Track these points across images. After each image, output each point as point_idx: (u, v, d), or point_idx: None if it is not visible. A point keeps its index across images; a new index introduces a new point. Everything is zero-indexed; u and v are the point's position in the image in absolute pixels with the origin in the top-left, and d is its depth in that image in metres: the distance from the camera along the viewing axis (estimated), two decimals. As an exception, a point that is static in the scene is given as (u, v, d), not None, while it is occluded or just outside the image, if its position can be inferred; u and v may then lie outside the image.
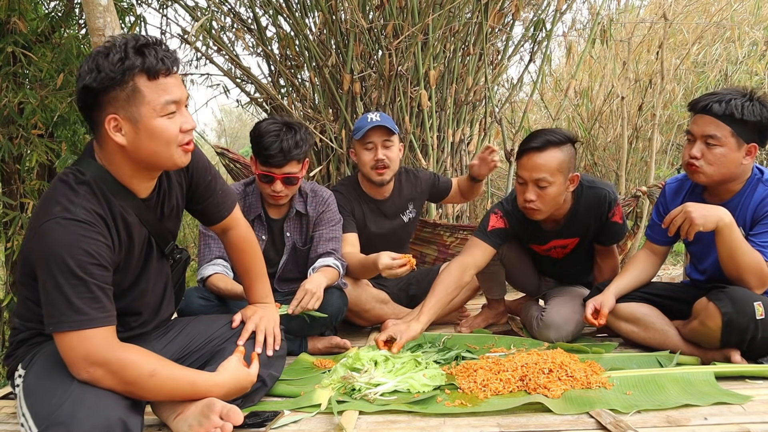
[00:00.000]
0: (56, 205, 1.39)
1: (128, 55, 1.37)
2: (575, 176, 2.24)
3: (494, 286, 2.67)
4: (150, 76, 1.39)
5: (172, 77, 1.43)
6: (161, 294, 1.72)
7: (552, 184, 2.17)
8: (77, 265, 1.34)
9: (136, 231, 1.54)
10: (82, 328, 1.34)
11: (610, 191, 2.36)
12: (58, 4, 3.95)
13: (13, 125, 3.43)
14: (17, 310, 1.59)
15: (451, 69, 3.84)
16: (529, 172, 2.18)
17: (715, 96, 2.00)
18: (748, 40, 5.30)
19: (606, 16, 4.01)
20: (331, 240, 2.43)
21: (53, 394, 1.34)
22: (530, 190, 2.19)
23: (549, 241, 2.45)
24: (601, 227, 2.39)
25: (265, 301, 1.92)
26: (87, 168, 1.47)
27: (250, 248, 1.88)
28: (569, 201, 2.33)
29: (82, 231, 1.37)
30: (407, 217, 2.85)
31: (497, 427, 1.55)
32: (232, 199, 1.83)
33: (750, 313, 1.87)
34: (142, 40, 1.40)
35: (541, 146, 2.17)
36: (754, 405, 1.64)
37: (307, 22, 3.87)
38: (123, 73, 1.36)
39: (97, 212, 1.42)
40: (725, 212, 1.93)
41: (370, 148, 2.62)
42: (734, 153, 1.98)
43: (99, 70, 1.36)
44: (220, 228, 1.84)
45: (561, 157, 2.17)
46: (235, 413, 1.45)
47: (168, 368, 1.45)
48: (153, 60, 1.39)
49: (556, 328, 2.33)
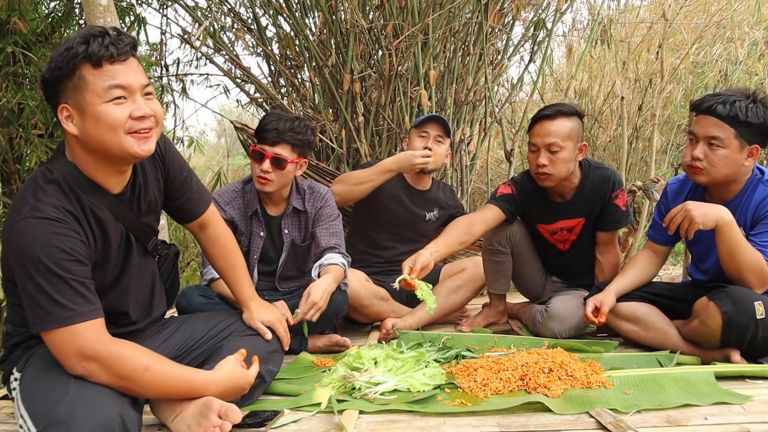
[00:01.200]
0: (26, 205, 1.38)
1: (73, 45, 1.38)
2: (583, 146, 2.41)
3: (499, 279, 2.67)
4: (94, 64, 1.38)
5: (123, 64, 1.40)
6: (149, 291, 1.70)
7: (563, 149, 2.33)
8: (53, 263, 1.33)
9: (111, 227, 1.52)
10: (69, 323, 1.33)
11: (615, 173, 2.50)
12: (58, 4, 3.95)
13: (12, 125, 3.43)
14: (8, 316, 1.58)
15: (451, 69, 3.83)
16: (542, 138, 2.35)
17: (719, 97, 2.00)
18: (748, 40, 5.30)
19: (606, 17, 4.01)
20: (333, 235, 2.43)
21: (50, 393, 1.34)
22: (542, 156, 2.35)
23: (556, 220, 2.52)
24: (603, 208, 2.46)
25: (255, 297, 1.89)
26: (57, 165, 1.46)
27: (231, 243, 1.87)
28: (578, 176, 2.47)
29: (54, 228, 1.36)
30: (429, 216, 2.92)
31: (497, 426, 1.55)
32: (207, 197, 1.82)
33: (750, 312, 1.87)
34: (93, 31, 1.40)
35: (553, 114, 2.36)
36: (754, 405, 1.64)
37: (307, 22, 3.87)
38: (68, 62, 1.37)
39: (66, 209, 1.41)
40: (725, 211, 1.93)
41: (424, 137, 2.75)
42: (737, 154, 1.98)
43: (52, 61, 1.39)
44: (197, 224, 1.81)
45: (571, 125, 2.36)
46: (234, 412, 1.45)
47: (162, 364, 1.45)
48: (96, 47, 1.37)
49: (561, 320, 2.34)
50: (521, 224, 2.61)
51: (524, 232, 2.62)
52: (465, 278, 2.74)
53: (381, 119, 3.79)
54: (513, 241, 2.59)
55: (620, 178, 2.48)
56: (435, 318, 2.65)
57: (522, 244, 2.61)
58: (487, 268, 2.66)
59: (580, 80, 5.32)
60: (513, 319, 2.75)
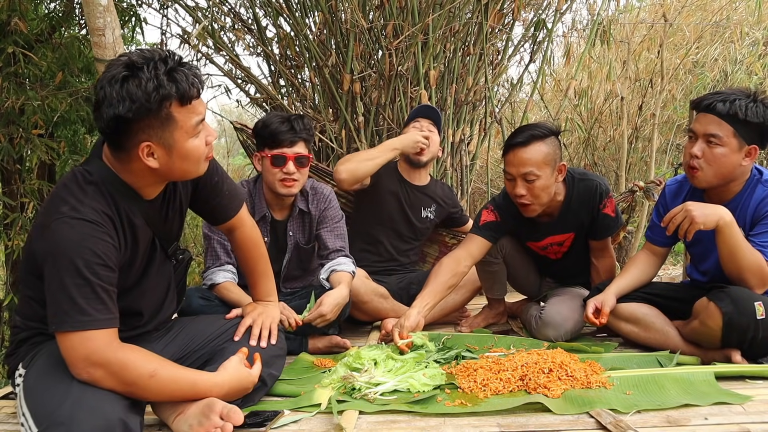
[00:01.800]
0: (65, 204, 1.39)
1: (162, 83, 1.35)
2: (562, 166, 2.29)
3: (495, 285, 2.68)
4: (183, 103, 1.40)
5: (198, 98, 1.45)
6: (164, 294, 1.72)
7: (539, 177, 2.22)
8: (84, 265, 1.34)
9: (142, 232, 1.55)
10: (84, 328, 1.34)
11: (602, 182, 2.40)
12: (58, 4, 3.95)
13: (13, 125, 3.43)
14: (19, 309, 1.59)
15: (451, 69, 3.83)
16: (516, 168, 2.24)
17: (720, 95, 1.99)
18: (747, 40, 5.30)
19: (605, 18, 4.01)
20: (339, 237, 2.45)
21: (54, 394, 1.34)
22: (519, 185, 2.25)
23: (545, 237, 2.47)
24: (593, 220, 2.41)
25: (268, 299, 1.93)
26: (95, 169, 1.47)
27: (255, 247, 1.90)
28: (562, 193, 2.37)
29: (90, 231, 1.38)
30: (425, 213, 2.95)
31: (497, 426, 1.55)
32: (240, 200, 1.84)
33: (750, 312, 1.87)
34: (170, 63, 1.38)
35: (526, 141, 2.22)
36: (754, 405, 1.64)
37: (308, 22, 3.87)
38: (159, 103, 1.36)
39: (105, 212, 1.43)
40: (725, 211, 1.93)
41: (417, 127, 2.87)
42: (735, 154, 1.98)
43: (133, 99, 1.33)
44: (226, 228, 1.85)
45: (546, 150, 2.23)
46: (236, 413, 1.45)
47: (168, 369, 1.45)
48: (186, 86, 1.38)
49: (555, 327, 2.33)
50: (510, 236, 2.55)
51: (514, 242, 2.57)
52: (465, 278, 2.74)
53: (381, 119, 3.79)
54: (504, 252, 2.57)
55: (606, 187, 2.40)
56: (435, 318, 2.66)
57: (513, 254, 2.59)
58: (481, 277, 2.66)
59: (580, 80, 5.32)
60: (513, 319, 2.75)
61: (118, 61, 1.38)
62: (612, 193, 2.47)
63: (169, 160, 1.44)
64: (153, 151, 1.42)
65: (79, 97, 3.64)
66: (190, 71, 1.41)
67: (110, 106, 1.34)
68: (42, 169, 3.90)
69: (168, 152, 1.43)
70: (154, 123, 1.38)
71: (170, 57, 1.40)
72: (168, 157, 1.43)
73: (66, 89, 3.48)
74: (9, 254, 3.71)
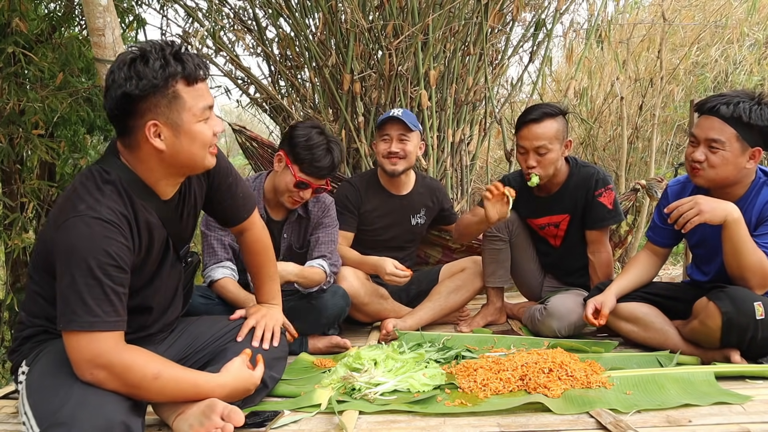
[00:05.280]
0: (82, 202, 1.40)
1: (169, 62, 1.39)
2: (569, 142, 2.50)
3: (498, 270, 2.69)
4: (189, 82, 1.43)
5: (204, 83, 1.48)
6: (171, 296, 1.72)
7: (550, 150, 2.42)
8: (97, 265, 1.35)
9: (157, 232, 1.55)
10: (91, 329, 1.34)
11: (600, 171, 2.56)
12: (58, 4, 3.95)
13: (13, 125, 3.43)
14: (25, 305, 1.59)
15: (451, 69, 3.83)
16: (530, 141, 2.43)
17: (723, 98, 1.99)
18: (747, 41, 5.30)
19: (603, 19, 4.01)
20: (326, 243, 2.45)
21: (56, 393, 1.34)
22: (531, 158, 2.44)
23: (543, 215, 2.60)
24: (586, 204, 2.50)
25: (272, 302, 1.94)
26: (112, 167, 1.48)
27: (264, 251, 1.92)
28: (564, 173, 2.54)
29: (106, 231, 1.38)
30: (416, 220, 2.88)
31: (497, 426, 1.55)
32: (252, 203, 1.85)
33: (750, 312, 1.87)
34: (176, 47, 1.43)
35: (539, 118, 2.42)
36: (754, 405, 1.64)
37: (308, 23, 3.87)
38: (166, 80, 1.39)
39: (121, 212, 1.43)
40: (734, 208, 1.93)
41: (387, 140, 2.70)
42: (738, 157, 1.97)
43: (140, 77, 1.37)
44: (238, 230, 1.86)
45: (557, 126, 2.43)
46: (237, 414, 1.46)
47: (171, 370, 1.45)
48: (192, 66, 1.42)
49: (559, 317, 2.35)
50: (518, 216, 2.67)
51: (521, 222, 2.69)
52: (465, 278, 2.74)
53: (381, 119, 3.78)
54: (511, 229, 2.67)
55: (605, 177, 2.53)
56: (435, 318, 2.66)
57: (519, 234, 2.69)
58: (486, 259, 2.70)
59: (579, 80, 5.32)
60: (512, 320, 2.76)
61: (127, 51, 1.43)
62: (612, 185, 2.54)
63: (176, 141, 1.44)
64: (160, 131, 1.43)
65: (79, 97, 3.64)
66: (195, 55, 1.45)
67: (119, 87, 1.38)
68: (42, 169, 3.89)
69: (175, 133, 1.44)
70: (161, 101, 1.40)
71: (179, 45, 1.45)
72: (175, 138, 1.44)
73: (66, 89, 3.48)
74: (9, 254, 3.70)
